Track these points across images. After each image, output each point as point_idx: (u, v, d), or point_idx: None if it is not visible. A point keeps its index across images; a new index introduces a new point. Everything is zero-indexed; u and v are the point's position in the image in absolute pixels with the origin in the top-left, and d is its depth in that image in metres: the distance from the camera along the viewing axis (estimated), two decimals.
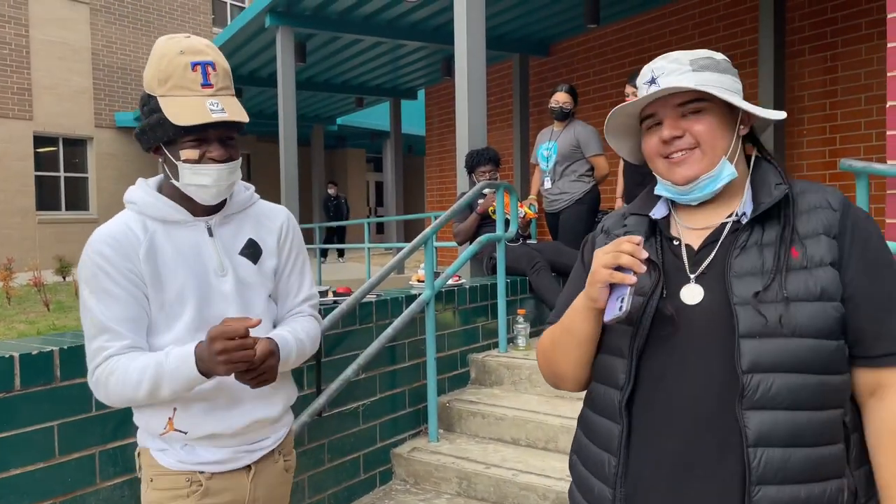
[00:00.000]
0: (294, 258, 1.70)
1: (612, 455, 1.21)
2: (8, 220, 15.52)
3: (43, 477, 2.20)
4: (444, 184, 12.72)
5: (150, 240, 1.50)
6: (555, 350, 1.31)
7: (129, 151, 17.69)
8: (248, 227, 1.63)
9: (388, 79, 12.74)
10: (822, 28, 7.02)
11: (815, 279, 1.13)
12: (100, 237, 1.49)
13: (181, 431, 1.54)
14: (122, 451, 2.40)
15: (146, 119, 1.49)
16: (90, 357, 1.49)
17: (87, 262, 1.47)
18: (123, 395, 1.47)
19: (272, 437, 1.67)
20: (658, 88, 1.20)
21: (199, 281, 1.52)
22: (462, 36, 5.34)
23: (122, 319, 1.47)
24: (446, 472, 3.46)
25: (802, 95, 7.18)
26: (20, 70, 15.74)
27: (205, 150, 1.47)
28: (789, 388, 1.09)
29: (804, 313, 1.11)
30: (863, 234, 1.18)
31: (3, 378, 2.12)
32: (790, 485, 1.09)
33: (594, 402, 1.28)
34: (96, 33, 17.10)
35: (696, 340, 1.16)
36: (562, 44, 10.00)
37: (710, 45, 7.98)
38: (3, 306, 9.34)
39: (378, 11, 8.74)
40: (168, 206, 1.53)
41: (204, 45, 1.48)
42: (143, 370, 1.45)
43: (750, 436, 1.09)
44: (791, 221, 1.17)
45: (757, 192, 1.23)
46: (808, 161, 7.17)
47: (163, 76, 1.45)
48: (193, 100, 1.44)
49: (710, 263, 1.20)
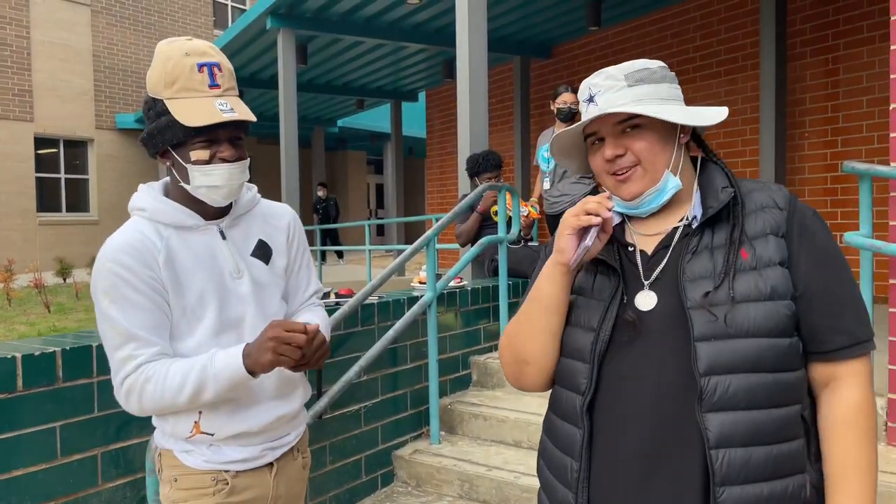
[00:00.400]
0: (301, 255, 1.72)
1: (573, 459, 1.22)
2: (9, 221, 15.52)
3: (45, 478, 2.20)
4: (444, 186, 12.72)
5: (167, 246, 1.50)
6: (519, 329, 1.31)
7: (129, 153, 17.70)
8: (257, 228, 1.63)
9: (389, 81, 12.76)
10: (823, 31, 7.02)
11: (766, 279, 1.15)
12: (116, 246, 1.47)
13: (208, 434, 1.54)
14: (125, 452, 2.39)
15: (152, 123, 1.49)
16: (117, 368, 1.47)
17: (105, 272, 1.45)
18: (162, 401, 1.45)
19: (293, 432, 1.70)
20: (596, 107, 1.23)
21: (217, 284, 1.53)
22: (464, 38, 5.35)
23: (149, 326, 1.46)
24: (448, 475, 3.45)
25: (804, 98, 7.18)
26: (21, 72, 15.75)
27: (215, 150, 1.47)
28: (746, 389, 1.11)
29: (756, 313, 1.13)
30: (810, 231, 1.20)
31: (5, 379, 2.12)
32: (753, 483, 1.11)
33: (556, 406, 1.30)
34: (97, 35, 17.12)
35: (653, 345, 1.18)
36: (563, 46, 10.01)
37: (711, 47, 7.99)
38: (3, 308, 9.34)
39: (379, 13, 8.74)
40: (180, 211, 1.53)
41: (207, 47, 1.48)
42: (186, 373, 1.44)
43: (711, 438, 1.11)
44: (739, 223, 1.19)
45: (706, 195, 1.25)
46: (809, 164, 7.17)
47: (169, 79, 1.45)
48: (202, 101, 1.44)
49: (663, 269, 1.22)
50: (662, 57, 8.50)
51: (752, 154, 7.60)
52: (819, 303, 1.16)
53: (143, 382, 1.44)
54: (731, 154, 7.84)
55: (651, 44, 8.67)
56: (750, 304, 1.13)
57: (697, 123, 1.24)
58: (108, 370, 2.31)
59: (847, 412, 1.16)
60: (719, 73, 7.92)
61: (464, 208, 4.28)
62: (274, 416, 1.60)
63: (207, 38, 19.04)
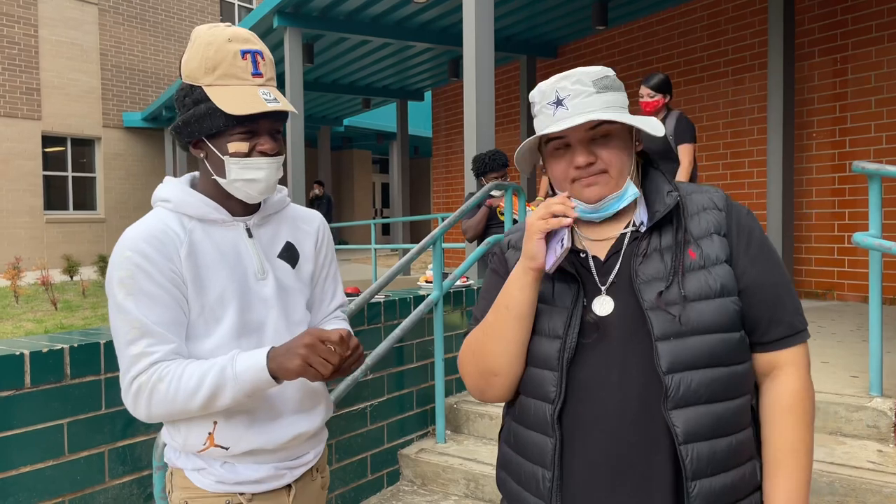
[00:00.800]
0: (329, 263, 1.63)
1: (545, 469, 1.22)
2: (16, 219, 15.58)
3: (52, 475, 2.20)
4: (450, 185, 12.72)
5: (190, 239, 1.40)
6: (486, 340, 1.28)
7: (136, 151, 17.75)
8: (285, 230, 1.54)
9: (396, 80, 12.76)
10: (831, 30, 6.99)
11: (714, 277, 1.20)
12: (137, 234, 1.37)
13: (222, 447, 1.42)
14: (132, 449, 2.40)
15: (189, 110, 1.39)
16: (128, 365, 1.35)
17: (124, 261, 1.34)
18: (174, 404, 1.33)
19: (312, 451, 1.57)
20: (566, 111, 1.22)
21: (239, 284, 1.43)
22: (471, 37, 5.34)
23: (165, 322, 1.34)
24: (454, 474, 3.45)
25: (812, 98, 7.15)
26: (29, 70, 15.81)
27: (255, 142, 1.38)
28: (706, 383, 1.17)
29: (709, 310, 1.18)
30: (746, 229, 1.26)
31: (13, 375, 2.12)
32: (720, 474, 1.17)
33: (523, 417, 1.28)
34: (105, 34, 17.17)
35: (615, 349, 1.20)
36: (569, 45, 9.99)
37: (719, 47, 7.96)
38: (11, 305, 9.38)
39: (386, 12, 8.75)
40: (206, 204, 1.43)
41: (249, 34, 1.39)
42: (204, 374, 1.33)
43: (680, 434, 1.15)
44: (683, 225, 1.24)
45: (652, 200, 1.28)
46: (816, 164, 7.14)
47: (211, 64, 1.35)
48: (246, 89, 1.35)
49: (617, 273, 1.25)
50: (670, 56, 8.49)
51: (759, 154, 7.57)
52: (760, 296, 1.23)
53: (154, 382, 1.32)
54: (737, 154, 7.82)
55: (658, 43, 8.64)
56: (702, 302, 1.18)
57: (655, 133, 1.27)
58: (116, 367, 2.33)
59: (786, 399, 1.23)
60: (727, 73, 7.90)
61: (470, 207, 4.27)
62: (294, 433, 1.48)
63: None
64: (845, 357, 4.11)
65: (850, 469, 2.78)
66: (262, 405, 1.45)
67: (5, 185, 15.44)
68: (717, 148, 7.99)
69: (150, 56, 18.03)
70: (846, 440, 3.09)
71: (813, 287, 7.19)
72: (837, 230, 6.99)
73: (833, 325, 5.37)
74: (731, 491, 1.18)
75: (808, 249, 7.21)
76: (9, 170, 15.47)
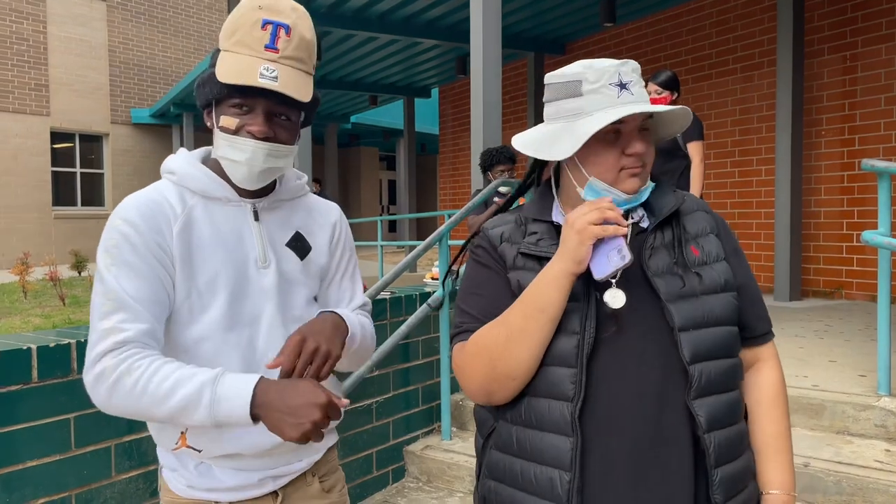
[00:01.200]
0: (347, 260, 1.49)
1: (563, 470, 1.17)
2: (25, 214, 15.67)
3: (59, 469, 2.21)
4: (456, 182, 12.71)
5: (188, 214, 1.29)
6: (511, 345, 1.20)
7: (144, 147, 17.81)
8: (298, 219, 1.41)
9: (402, 77, 12.75)
10: (841, 28, 6.95)
11: (717, 272, 1.25)
12: (131, 204, 1.27)
13: (194, 449, 1.30)
14: (138, 444, 2.41)
15: (205, 72, 1.32)
16: (96, 339, 1.20)
17: (112, 230, 1.25)
18: (137, 404, 1.18)
19: (305, 459, 1.41)
20: (631, 95, 1.20)
21: (235, 270, 1.30)
22: (478, 34, 5.33)
23: (144, 299, 1.21)
24: (459, 471, 3.45)
25: (821, 95, 7.11)
26: (38, 66, 15.88)
27: (245, 121, 1.26)
28: (722, 372, 1.21)
29: (718, 303, 1.23)
30: (728, 231, 1.34)
31: (21, 370, 2.13)
32: (735, 461, 1.21)
33: (532, 419, 1.22)
34: (113, 30, 17.23)
35: (630, 341, 1.19)
36: (577, 42, 9.97)
37: (728, 43, 7.92)
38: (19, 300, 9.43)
39: (393, 9, 8.74)
40: (211, 179, 1.32)
41: (289, 7, 1.27)
42: (177, 384, 1.17)
43: (703, 423, 1.17)
44: (681, 223, 1.28)
45: (655, 197, 1.29)
46: (825, 162, 7.10)
47: (231, 28, 1.27)
48: (248, 59, 1.23)
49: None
50: (678, 53, 8.45)
51: (767, 152, 7.54)
52: (747, 294, 1.30)
53: (122, 372, 1.17)
54: (746, 152, 7.78)
55: (666, 40, 8.61)
56: (711, 296, 1.23)
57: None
58: None
59: (773, 390, 1.32)
60: (735, 70, 7.86)
61: (477, 204, 4.27)
62: (273, 441, 1.29)
63: None
64: (853, 356, 4.09)
65: (857, 468, 2.76)
66: None
67: (14, 181, 15.53)
68: (725, 146, 7.95)
69: (157, 52, 18.08)
70: (853, 439, 3.07)
71: (821, 286, 7.15)
72: (846, 228, 6.95)
73: (841, 324, 5.35)
74: (742, 477, 1.22)
75: (817, 248, 7.18)
76: (17, 165, 15.55)
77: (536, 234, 1.28)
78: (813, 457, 2.89)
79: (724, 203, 7.92)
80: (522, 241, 1.29)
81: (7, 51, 15.41)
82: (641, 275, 1.21)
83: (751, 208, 7.76)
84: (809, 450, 2.97)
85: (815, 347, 4.43)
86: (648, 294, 1.20)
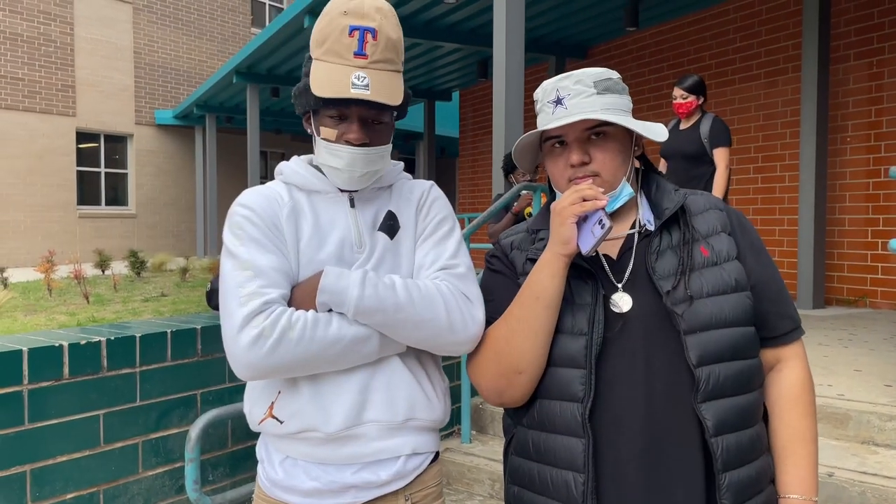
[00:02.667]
0: (433, 224, 1.41)
1: (577, 472, 1.19)
2: (50, 214, 15.91)
3: (88, 464, 2.25)
4: (476, 185, 12.72)
5: (294, 203, 1.35)
6: (512, 336, 1.25)
7: (167, 149, 18.02)
8: (392, 202, 1.42)
9: (424, 80, 12.79)
10: (867, 33, 6.87)
11: (728, 272, 1.23)
12: (246, 194, 1.36)
13: (277, 420, 1.30)
14: (165, 441, 2.44)
15: (301, 81, 1.35)
16: (238, 305, 1.21)
17: (233, 215, 1.32)
18: (305, 353, 1.22)
19: (391, 467, 1.32)
20: (564, 109, 1.25)
21: (333, 255, 1.33)
22: (500, 38, 5.34)
23: (276, 268, 1.26)
24: (479, 474, 3.45)
25: (847, 102, 7.03)
26: (65, 67, 16.13)
27: (342, 130, 1.30)
28: (732, 376, 1.19)
29: (728, 304, 1.21)
30: (746, 228, 1.31)
31: (52, 366, 2.18)
32: (745, 466, 1.20)
33: (546, 422, 1.24)
34: (139, 32, 17.46)
35: (637, 344, 1.21)
36: (600, 47, 9.94)
37: (752, 49, 7.87)
38: (44, 298, 9.58)
39: (416, 13, 8.77)
40: (312, 174, 1.38)
41: (373, 9, 1.28)
42: (340, 322, 1.24)
43: (710, 426, 1.17)
44: (690, 223, 1.28)
45: (658, 199, 1.31)
46: (850, 169, 7.02)
47: (320, 37, 1.29)
48: (340, 69, 1.26)
49: (632, 270, 1.26)
50: (702, 58, 8.40)
51: (791, 158, 7.47)
52: (767, 292, 1.27)
53: (284, 327, 1.20)
54: (769, 158, 7.72)
55: (689, 45, 8.56)
56: (720, 297, 1.21)
57: (656, 138, 1.29)
58: (150, 360, 2.39)
59: (793, 390, 1.28)
60: (759, 76, 7.80)
61: (498, 208, 4.27)
62: (356, 417, 1.28)
63: (245, 37, 19.30)
64: (878, 365, 4.04)
65: (882, 479, 2.73)
66: (327, 376, 1.30)
67: (40, 181, 15.77)
68: (749, 152, 7.89)
69: (182, 54, 18.29)
70: (879, 449, 3.04)
71: (845, 294, 7.07)
72: (871, 236, 6.87)
73: (865, 333, 5.28)
74: (755, 482, 1.20)
75: (841, 255, 7.10)
76: (44, 165, 15.80)
77: (543, 241, 1.33)
78: (838, 466, 2.86)
79: (747, 209, 7.86)
80: (530, 248, 1.35)
81: (35, 52, 15.67)
82: (647, 278, 1.24)
83: (774, 215, 7.69)
84: (834, 459, 2.94)
85: (839, 356, 4.39)
86: (655, 297, 1.22)
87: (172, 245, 17.88)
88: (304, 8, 8.68)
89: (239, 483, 2.66)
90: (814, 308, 6.80)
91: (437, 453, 1.41)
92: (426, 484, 1.38)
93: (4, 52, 15.23)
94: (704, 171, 4.81)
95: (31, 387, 2.13)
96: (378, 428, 1.29)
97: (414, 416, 1.33)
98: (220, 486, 2.63)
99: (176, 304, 8.85)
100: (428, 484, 1.38)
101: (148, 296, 9.65)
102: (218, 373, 2.60)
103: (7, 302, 8.43)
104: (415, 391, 1.33)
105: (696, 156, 4.81)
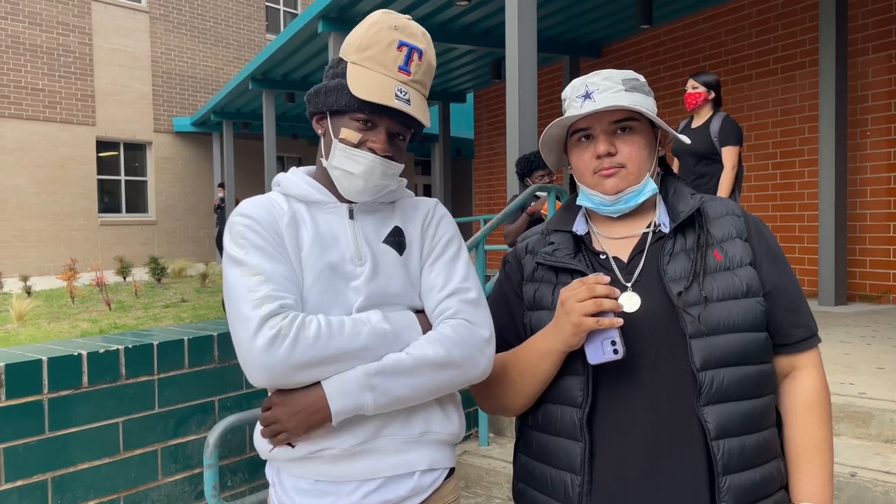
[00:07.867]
0: (442, 245, 1.38)
1: (574, 474, 1.22)
2: (72, 222, 16.12)
3: (108, 472, 2.28)
4: (492, 187, 12.70)
5: (293, 213, 1.33)
6: (505, 388, 1.32)
7: (185, 156, 18.20)
8: (397, 218, 1.40)
9: (438, 82, 12.80)
10: (886, 26, 6.78)
11: (740, 278, 1.23)
12: (244, 205, 1.34)
13: (290, 444, 1.25)
14: (184, 448, 2.47)
15: (325, 81, 1.34)
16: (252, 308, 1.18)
17: (234, 225, 1.29)
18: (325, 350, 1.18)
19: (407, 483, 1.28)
20: (593, 103, 1.26)
21: (332, 267, 1.30)
22: (513, 39, 5.33)
23: (284, 274, 1.24)
24: (497, 477, 3.45)
25: (866, 95, 6.94)
26: (84, 77, 16.35)
27: (368, 136, 1.29)
28: (737, 381, 1.19)
29: (737, 309, 1.21)
30: (764, 234, 1.31)
31: (72, 375, 2.21)
32: (748, 470, 1.19)
33: (548, 424, 1.29)
34: (156, 41, 17.65)
35: (643, 346, 1.21)
36: (613, 45, 9.89)
37: (769, 44, 7.79)
38: (67, 305, 9.70)
39: (429, 15, 8.78)
40: (311, 185, 1.36)
41: (420, 33, 1.32)
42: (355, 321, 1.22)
43: (711, 430, 1.17)
44: (706, 228, 1.28)
45: (674, 202, 1.32)
46: (870, 163, 6.93)
47: (364, 43, 1.29)
48: (384, 79, 1.26)
49: (641, 271, 1.26)
50: (717, 54, 8.33)
51: (811, 153, 7.38)
52: (781, 299, 1.27)
53: (299, 326, 1.18)
54: (788, 153, 7.63)
55: (704, 41, 8.50)
56: (731, 302, 1.21)
57: (682, 140, 1.33)
58: (168, 368, 2.41)
59: (808, 398, 1.27)
60: (776, 71, 7.72)
61: (513, 209, 4.27)
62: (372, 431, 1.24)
63: (260, 43, 19.45)
64: None
65: None
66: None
67: (62, 189, 15.99)
68: (766, 147, 7.81)
69: (198, 62, 18.46)
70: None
71: (867, 290, 6.97)
72: (893, 231, 6.77)
73: (888, 330, 5.21)
74: (760, 488, 1.20)
75: (863, 251, 7.00)
76: (65, 174, 16.02)
77: (554, 245, 1.34)
78: (860, 466, 2.82)
79: (766, 206, 7.78)
80: (541, 251, 1.35)
81: (55, 63, 15.90)
82: (657, 280, 1.24)
83: (793, 211, 7.60)
84: (857, 459, 2.90)
85: (861, 354, 4.32)
86: (664, 299, 1.22)
87: (192, 251, 18.06)
88: (318, 13, 8.73)
89: (257, 488, 2.68)
90: (836, 305, 6.72)
91: (452, 469, 1.37)
92: (445, 500, 1.35)
93: (25, 64, 15.47)
94: (713, 170, 4.76)
95: (52, 396, 2.16)
96: (394, 442, 1.26)
97: (430, 429, 1.30)
98: (239, 492, 2.65)
99: (196, 309, 8.93)
100: (448, 500, 1.35)
101: (168, 301, 9.75)
102: (235, 379, 2.62)
103: (31, 310, 8.55)
104: (431, 404, 1.30)
105: (706, 154, 4.77)
